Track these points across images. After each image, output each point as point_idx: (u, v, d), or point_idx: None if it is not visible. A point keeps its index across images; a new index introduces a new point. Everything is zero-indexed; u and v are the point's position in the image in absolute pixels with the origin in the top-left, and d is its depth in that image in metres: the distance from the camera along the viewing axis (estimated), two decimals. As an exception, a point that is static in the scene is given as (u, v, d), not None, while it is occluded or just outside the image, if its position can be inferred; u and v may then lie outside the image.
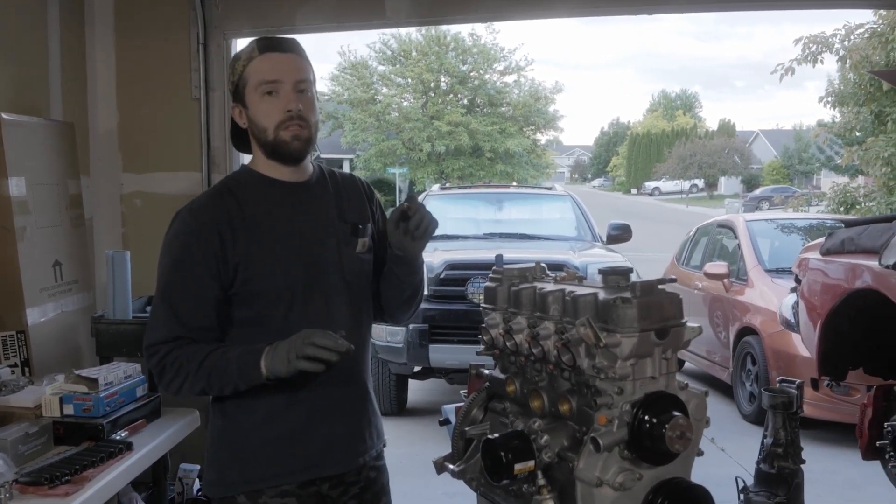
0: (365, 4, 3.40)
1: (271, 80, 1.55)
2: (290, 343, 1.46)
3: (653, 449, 1.21)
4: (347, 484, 1.66)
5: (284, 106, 1.55)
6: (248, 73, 1.57)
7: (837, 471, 4.37)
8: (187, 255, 1.54)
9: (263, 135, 1.58)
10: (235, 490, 1.59)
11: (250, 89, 1.58)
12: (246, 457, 1.59)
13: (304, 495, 1.60)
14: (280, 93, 1.55)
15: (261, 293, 1.56)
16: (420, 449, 4.52)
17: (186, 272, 1.54)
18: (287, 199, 1.62)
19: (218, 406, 1.65)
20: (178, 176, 3.42)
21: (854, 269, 2.99)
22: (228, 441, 1.62)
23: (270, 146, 1.58)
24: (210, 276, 1.54)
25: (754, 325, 5.51)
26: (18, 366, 2.65)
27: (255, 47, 1.58)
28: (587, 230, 6.47)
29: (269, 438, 1.59)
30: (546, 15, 3.64)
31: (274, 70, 1.55)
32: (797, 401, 2.20)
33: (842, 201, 10.81)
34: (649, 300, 1.26)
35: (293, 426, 1.59)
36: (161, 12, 3.39)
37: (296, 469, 1.59)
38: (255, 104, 1.58)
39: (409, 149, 26.13)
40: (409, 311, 1.80)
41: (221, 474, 1.62)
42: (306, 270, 1.59)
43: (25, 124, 2.80)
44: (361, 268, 1.67)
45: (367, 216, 1.71)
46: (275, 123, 1.56)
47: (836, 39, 9.86)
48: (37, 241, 2.77)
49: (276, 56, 1.57)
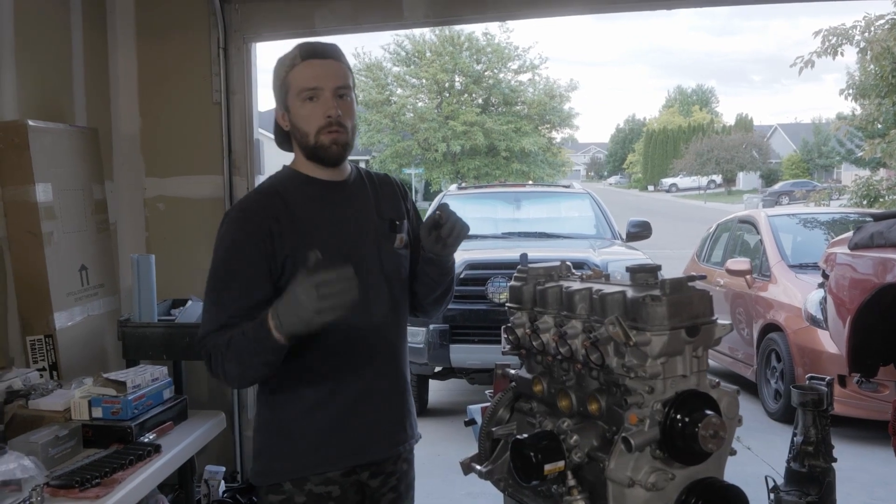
0: (382, 5, 3.40)
1: (312, 87, 1.62)
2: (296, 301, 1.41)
3: (685, 448, 1.19)
4: (387, 474, 1.73)
5: (324, 112, 1.62)
6: (290, 78, 1.64)
7: (866, 468, 4.31)
8: (237, 251, 1.61)
9: (305, 139, 1.65)
10: (282, 478, 1.65)
11: (292, 95, 1.64)
12: (292, 445, 1.65)
13: (345, 483, 1.66)
14: (320, 99, 1.62)
15: None
16: (441, 449, 4.52)
17: (235, 266, 1.60)
18: (328, 197, 1.69)
19: (264, 397, 1.71)
20: (201, 179, 3.45)
21: (884, 264, 2.95)
22: (275, 431, 1.68)
23: (311, 149, 1.66)
24: (260, 269, 1.59)
25: (779, 321, 5.44)
26: (46, 369, 2.69)
27: (297, 54, 1.64)
28: (606, 228, 6.43)
29: (314, 427, 1.65)
30: (562, 12, 3.62)
31: (315, 77, 1.62)
32: (827, 398, 2.17)
33: (865, 195, 10.65)
34: (679, 297, 1.24)
35: (337, 414, 1.65)
36: (181, 18, 3.42)
37: (340, 456, 1.66)
38: (296, 109, 1.64)
39: (425, 149, 26.16)
40: (441, 307, 1.87)
41: (269, 463, 1.67)
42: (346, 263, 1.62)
43: (51, 131, 2.84)
44: (399, 263, 1.74)
45: (402, 213, 1.78)
46: (315, 128, 1.63)
47: (857, 31, 9.72)
48: (63, 246, 2.80)
49: (317, 62, 1.63)
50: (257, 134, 3.55)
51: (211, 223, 3.41)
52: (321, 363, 1.63)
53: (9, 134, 2.65)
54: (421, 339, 5.13)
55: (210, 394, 3.44)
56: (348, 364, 1.63)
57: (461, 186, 7.89)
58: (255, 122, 3.51)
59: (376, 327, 1.68)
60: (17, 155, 2.65)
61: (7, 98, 2.73)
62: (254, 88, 3.49)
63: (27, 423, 2.21)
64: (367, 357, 1.67)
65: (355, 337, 1.65)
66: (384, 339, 1.70)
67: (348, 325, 1.60)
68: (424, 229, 1.69)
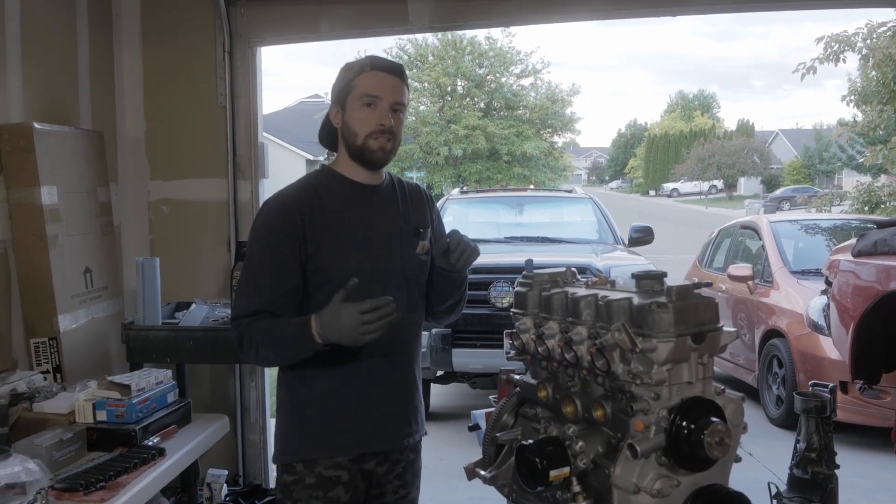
0: (387, 11, 3.41)
1: (374, 95, 1.74)
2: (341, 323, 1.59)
3: (691, 455, 1.20)
4: (392, 462, 1.82)
5: (379, 119, 1.74)
6: (356, 82, 1.76)
7: (868, 474, 4.30)
8: (273, 237, 1.72)
9: (354, 139, 1.76)
10: (295, 458, 1.76)
11: (354, 96, 1.76)
12: (305, 427, 1.76)
13: (353, 469, 1.76)
14: (378, 107, 1.74)
15: (328, 280, 1.71)
16: (444, 454, 4.51)
17: (272, 251, 1.71)
18: (361, 199, 1.80)
19: (283, 380, 1.81)
20: (205, 183, 3.46)
21: (888, 271, 2.95)
22: (291, 412, 1.79)
23: (357, 150, 1.77)
24: (293, 256, 1.71)
25: (780, 327, 5.44)
26: (50, 372, 2.69)
27: (369, 63, 1.77)
28: (609, 233, 6.43)
29: (327, 411, 1.75)
30: (567, 18, 3.64)
31: (379, 87, 1.74)
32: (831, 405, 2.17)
33: (866, 201, 10.63)
34: (685, 304, 1.25)
35: (350, 402, 1.75)
36: (187, 22, 3.43)
37: (350, 443, 1.75)
38: (353, 110, 1.76)
39: (427, 153, 26.16)
40: (452, 315, 1.98)
41: (285, 443, 1.79)
42: (370, 262, 1.75)
43: (57, 133, 2.85)
44: (419, 267, 1.85)
45: (427, 222, 1.90)
46: (367, 132, 1.75)
47: (859, 38, 9.72)
48: (68, 248, 2.81)
49: (384, 76, 1.76)
50: (262, 137, 3.55)
51: (215, 226, 3.48)
52: (339, 352, 1.69)
53: (14, 136, 2.66)
54: (423, 342, 5.11)
55: (213, 397, 3.45)
56: (365, 356, 1.72)
57: (463, 191, 7.89)
58: (259, 125, 3.51)
59: (394, 324, 1.72)
60: (23, 157, 2.66)
61: (13, 100, 2.74)
62: (259, 92, 3.50)
63: (31, 425, 2.21)
64: (383, 351, 1.75)
65: None
66: (400, 336, 1.78)
67: None
68: (436, 253, 1.81)
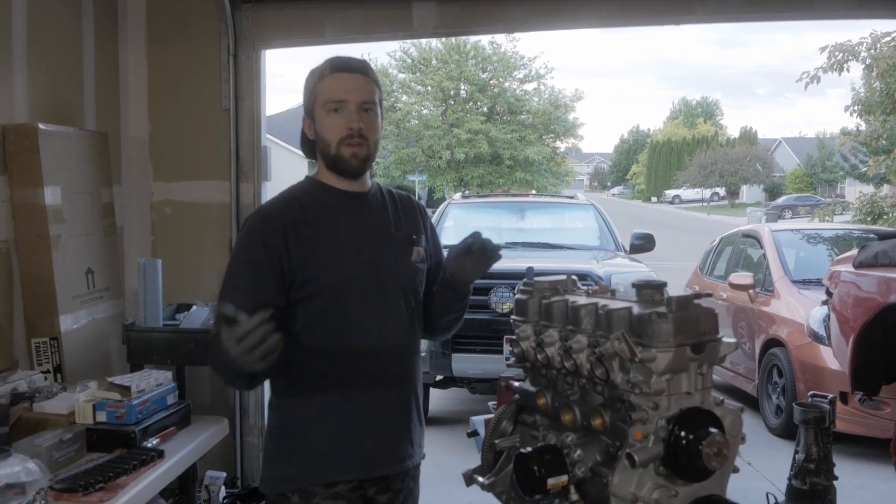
0: (392, 16, 3.43)
1: (338, 100, 1.65)
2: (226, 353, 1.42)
3: (689, 465, 1.20)
4: (394, 491, 1.72)
5: (346, 124, 1.65)
6: (318, 88, 1.68)
7: (868, 486, 4.29)
8: (253, 251, 1.64)
9: (327, 149, 1.69)
10: (290, 486, 1.64)
11: (318, 105, 1.68)
12: (303, 452, 1.65)
13: (353, 498, 1.66)
14: (344, 111, 1.65)
15: (320, 291, 1.63)
16: (442, 458, 4.50)
17: (251, 266, 1.63)
18: (346, 207, 1.72)
19: (275, 403, 1.72)
20: (208, 185, 3.47)
21: (888, 283, 2.95)
22: (286, 437, 1.67)
23: (332, 160, 1.69)
24: (272, 270, 1.61)
25: (781, 336, 5.43)
26: (51, 372, 2.69)
27: (328, 66, 1.68)
28: (610, 240, 6.43)
29: (324, 435, 1.64)
30: (571, 26, 3.65)
31: (341, 90, 1.65)
32: (830, 416, 2.17)
33: (869, 211, 10.63)
34: (685, 315, 1.25)
35: (346, 424, 1.65)
36: (192, 24, 3.45)
37: (350, 468, 1.65)
38: (321, 119, 1.68)
39: (429, 156, 26.19)
40: (451, 330, 1.90)
41: (279, 470, 1.67)
42: (362, 272, 1.67)
43: (61, 134, 2.86)
44: (416, 276, 1.76)
45: (420, 230, 1.81)
46: (337, 139, 1.66)
47: (863, 48, 9.73)
48: (70, 249, 2.82)
49: (346, 76, 1.67)
50: (265, 140, 3.56)
51: (217, 228, 3.48)
52: (333, 370, 1.63)
53: (19, 137, 2.67)
54: (423, 347, 5.11)
55: (212, 399, 3.45)
56: (360, 372, 1.64)
57: (465, 195, 7.89)
58: (262, 128, 3.53)
59: (390, 336, 1.68)
60: (27, 158, 2.67)
61: (18, 101, 2.75)
62: (262, 95, 3.51)
63: (31, 425, 2.22)
64: (381, 366, 1.67)
65: (369, 345, 1.65)
66: (397, 349, 1.70)
67: (362, 333, 1.63)
68: (454, 252, 1.72)
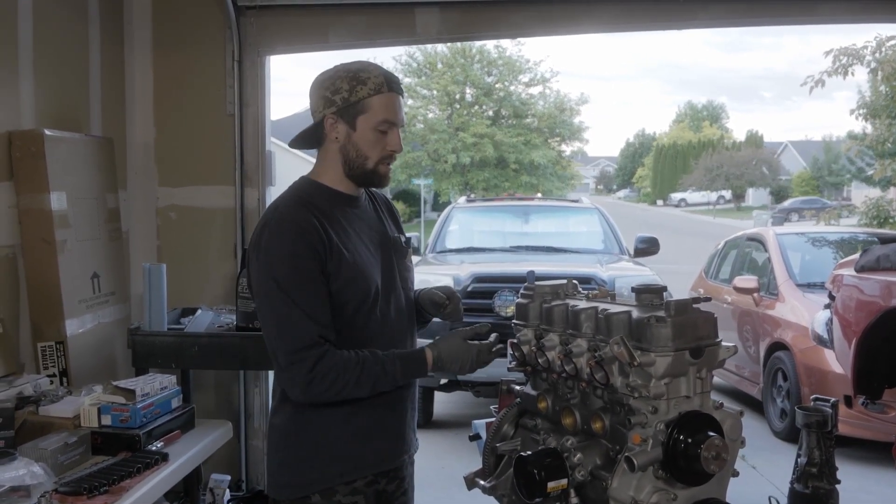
0: (396, 22, 3.45)
1: (392, 122, 1.69)
2: (462, 359, 1.71)
3: (688, 469, 1.21)
4: (400, 479, 1.79)
5: (394, 146, 1.71)
6: (371, 102, 1.67)
7: (871, 490, 4.28)
8: (298, 261, 1.60)
9: (363, 161, 1.69)
10: (311, 489, 1.66)
11: (368, 118, 1.67)
12: (324, 455, 1.67)
13: (368, 493, 1.71)
14: (391, 133, 1.70)
15: (350, 299, 1.65)
16: (446, 462, 4.51)
17: (304, 276, 1.60)
18: (352, 213, 1.74)
19: (288, 410, 1.69)
20: (213, 190, 3.49)
21: (890, 287, 2.95)
22: (307, 440, 1.68)
23: (365, 173, 1.71)
24: (321, 278, 1.62)
25: (785, 340, 5.42)
26: (57, 376, 2.71)
27: (384, 83, 1.68)
28: (614, 243, 6.43)
29: (347, 434, 1.68)
30: (573, 31, 3.66)
31: (396, 112, 1.70)
32: (832, 420, 2.16)
33: (875, 215, 10.61)
34: (684, 319, 1.26)
35: (365, 424, 1.69)
36: (197, 31, 3.47)
37: (371, 462, 1.71)
38: (366, 132, 1.68)
39: (434, 160, 26.24)
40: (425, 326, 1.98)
41: (298, 475, 1.67)
42: (381, 278, 1.72)
43: (67, 140, 2.89)
44: (411, 276, 1.85)
45: (401, 228, 1.88)
46: (378, 157, 1.70)
47: (867, 51, 9.72)
48: (76, 253, 2.84)
49: (398, 99, 1.71)
50: (269, 145, 3.59)
51: (222, 233, 3.50)
52: None
53: (25, 142, 2.70)
54: (427, 350, 5.13)
55: (217, 403, 3.47)
56: None
57: (470, 199, 7.90)
58: (267, 133, 3.55)
59: (401, 336, 1.76)
60: (33, 163, 2.69)
61: (24, 107, 2.78)
62: (267, 101, 3.53)
63: (37, 429, 2.23)
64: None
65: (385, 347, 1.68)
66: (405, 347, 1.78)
67: (381, 336, 1.68)
68: (426, 301, 1.84)
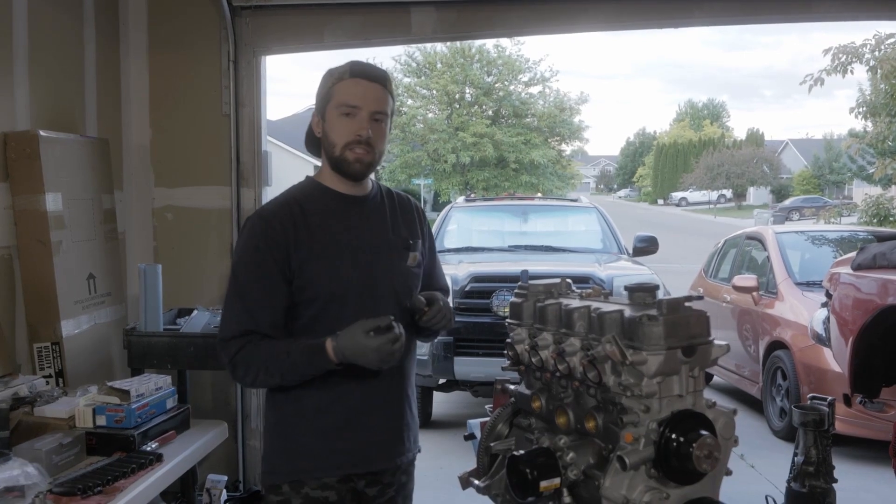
0: (391, 21, 3.44)
1: (352, 105, 1.68)
2: (365, 352, 1.58)
3: (680, 468, 1.20)
4: (384, 484, 1.76)
5: (356, 130, 1.68)
6: (335, 90, 1.70)
7: (870, 489, 4.27)
8: (258, 255, 1.67)
9: (332, 149, 1.72)
10: (281, 479, 1.70)
11: (332, 105, 1.70)
12: (293, 447, 1.71)
13: (342, 490, 1.70)
14: (356, 117, 1.68)
15: (316, 296, 1.68)
16: (444, 462, 4.51)
17: (258, 270, 1.66)
18: (346, 210, 1.75)
19: (271, 400, 1.77)
20: (209, 190, 3.49)
21: (886, 285, 2.94)
22: (279, 432, 1.74)
23: (335, 161, 1.72)
24: (278, 275, 1.66)
25: (784, 339, 5.41)
26: (53, 376, 2.71)
27: (348, 70, 1.70)
28: (613, 242, 6.42)
29: (315, 431, 1.70)
30: (570, 30, 3.66)
31: (357, 96, 1.68)
32: (829, 418, 2.16)
33: (875, 213, 10.61)
34: (676, 318, 1.25)
35: (338, 420, 1.70)
36: (193, 31, 3.47)
37: (338, 463, 1.70)
38: (332, 120, 1.71)
39: (434, 160, 26.25)
40: (437, 335, 1.95)
41: (271, 464, 1.74)
42: (358, 275, 1.71)
43: (62, 141, 2.88)
44: (411, 280, 1.80)
45: (417, 234, 1.84)
46: (344, 142, 1.69)
47: (867, 49, 9.71)
48: (72, 254, 2.84)
49: (363, 83, 1.69)
50: (266, 145, 3.58)
51: (218, 234, 3.50)
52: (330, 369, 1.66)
53: (21, 144, 2.70)
54: (425, 350, 5.13)
55: (213, 403, 3.46)
56: (352, 373, 1.66)
57: (469, 199, 7.89)
58: (263, 134, 3.54)
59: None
60: (29, 164, 2.69)
61: (19, 108, 2.77)
62: (263, 101, 3.53)
63: (32, 429, 2.23)
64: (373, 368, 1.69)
65: None
66: None
67: None
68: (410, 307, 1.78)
